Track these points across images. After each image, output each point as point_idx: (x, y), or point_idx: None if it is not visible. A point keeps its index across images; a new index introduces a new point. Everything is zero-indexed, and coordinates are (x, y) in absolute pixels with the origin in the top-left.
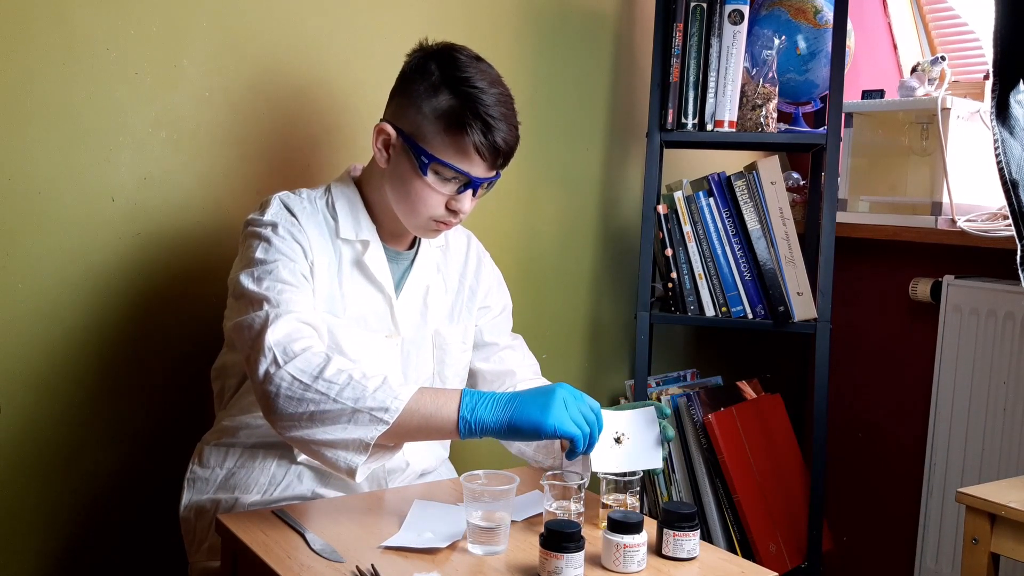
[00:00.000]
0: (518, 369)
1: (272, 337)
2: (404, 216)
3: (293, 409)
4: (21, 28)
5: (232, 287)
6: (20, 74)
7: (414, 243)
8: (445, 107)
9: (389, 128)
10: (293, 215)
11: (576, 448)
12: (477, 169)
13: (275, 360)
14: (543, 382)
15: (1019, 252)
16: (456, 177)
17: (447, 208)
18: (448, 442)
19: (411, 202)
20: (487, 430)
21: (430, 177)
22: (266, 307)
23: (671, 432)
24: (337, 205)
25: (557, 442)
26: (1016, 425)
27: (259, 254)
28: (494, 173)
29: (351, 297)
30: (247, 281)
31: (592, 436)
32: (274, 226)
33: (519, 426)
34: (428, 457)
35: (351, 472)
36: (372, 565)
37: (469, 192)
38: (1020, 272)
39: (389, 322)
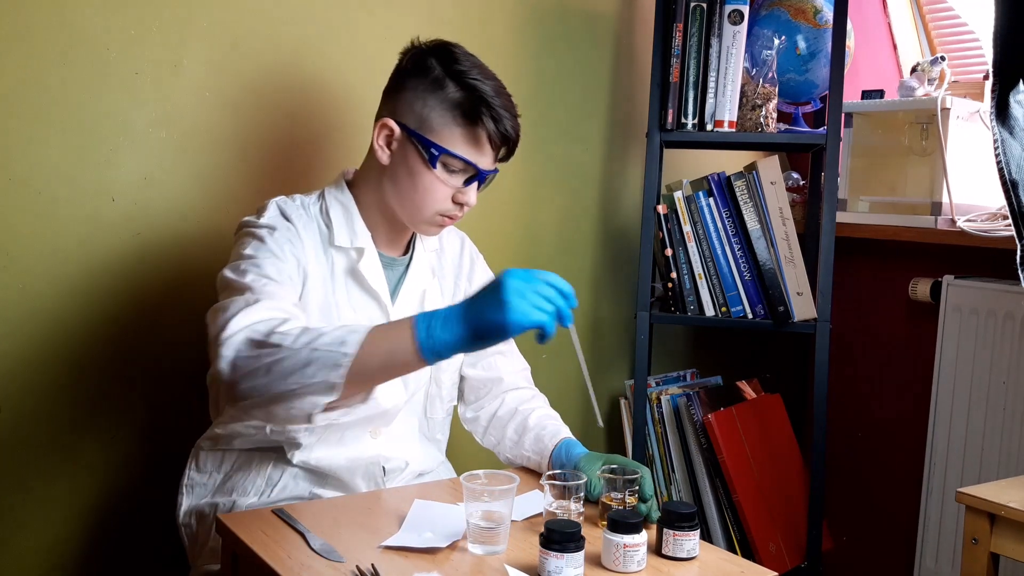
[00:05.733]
0: (506, 376)
1: (243, 319)
2: (409, 212)
3: (251, 366)
4: (21, 28)
5: (218, 282)
6: (20, 74)
7: (408, 248)
8: (457, 99)
9: (392, 124)
10: (290, 221)
11: (547, 332)
12: (485, 160)
13: (237, 336)
14: (534, 390)
15: (1019, 252)
16: (464, 169)
17: (454, 201)
18: (444, 442)
19: (419, 197)
20: (451, 347)
21: (439, 170)
22: (247, 294)
23: (649, 489)
24: (331, 212)
25: (544, 446)
26: (1016, 425)
27: (249, 251)
28: (496, 167)
29: (345, 306)
30: (231, 273)
31: (562, 310)
32: (271, 229)
33: (482, 333)
34: (426, 459)
35: (310, 416)
36: (372, 565)
37: (475, 184)
38: (1020, 272)
39: None
